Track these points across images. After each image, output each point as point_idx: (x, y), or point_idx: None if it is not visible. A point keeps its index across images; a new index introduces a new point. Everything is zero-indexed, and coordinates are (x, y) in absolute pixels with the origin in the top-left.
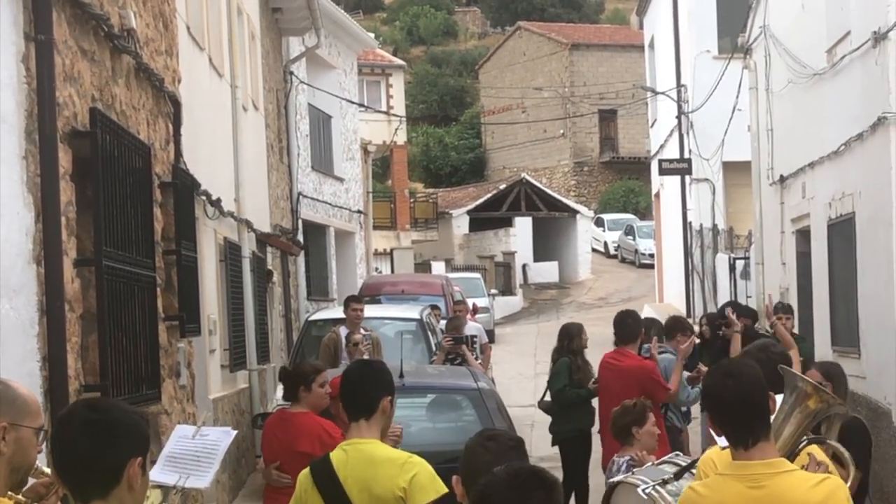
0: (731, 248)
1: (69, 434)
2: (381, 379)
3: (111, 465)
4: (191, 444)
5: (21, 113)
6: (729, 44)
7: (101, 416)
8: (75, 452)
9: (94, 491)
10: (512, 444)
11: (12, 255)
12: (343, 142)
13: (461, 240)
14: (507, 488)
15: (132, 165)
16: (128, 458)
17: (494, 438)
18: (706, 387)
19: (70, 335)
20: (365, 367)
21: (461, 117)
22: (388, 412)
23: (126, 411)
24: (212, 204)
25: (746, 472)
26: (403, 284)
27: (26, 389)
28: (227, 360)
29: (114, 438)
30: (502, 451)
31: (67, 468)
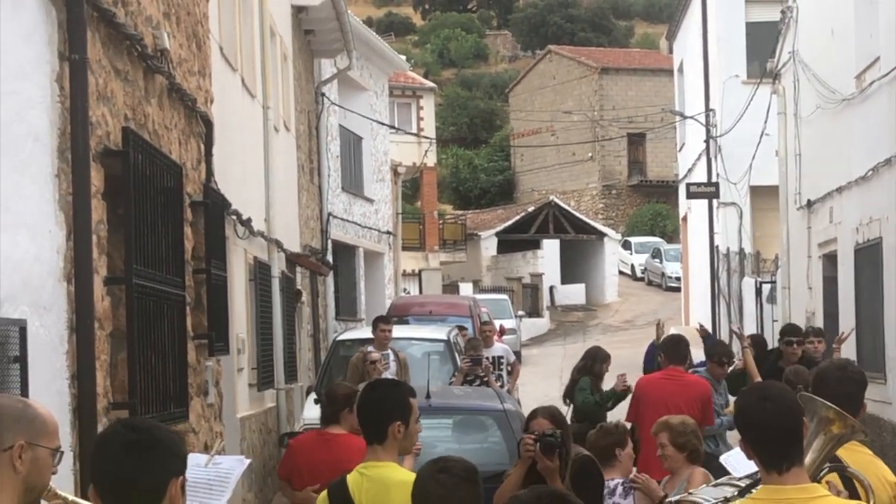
0: (757, 272)
1: (111, 455)
2: (393, 405)
3: (154, 486)
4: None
5: (54, 132)
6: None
7: (141, 437)
8: (118, 474)
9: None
10: (464, 476)
11: (43, 272)
12: (373, 163)
13: (489, 261)
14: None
15: (164, 185)
16: (169, 478)
17: (447, 471)
18: (740, 408)
19: (99, 353)
20: (377, 393)
21: (491, 140)
22: (399, 437)
23: (165, 431)
24: (242, 223)
25: (781, 497)
26: (431, 305)
27: (45, 409)
28: (255, 379)
29: (156, 458)
30: (455, 484)
31: (110, 489)
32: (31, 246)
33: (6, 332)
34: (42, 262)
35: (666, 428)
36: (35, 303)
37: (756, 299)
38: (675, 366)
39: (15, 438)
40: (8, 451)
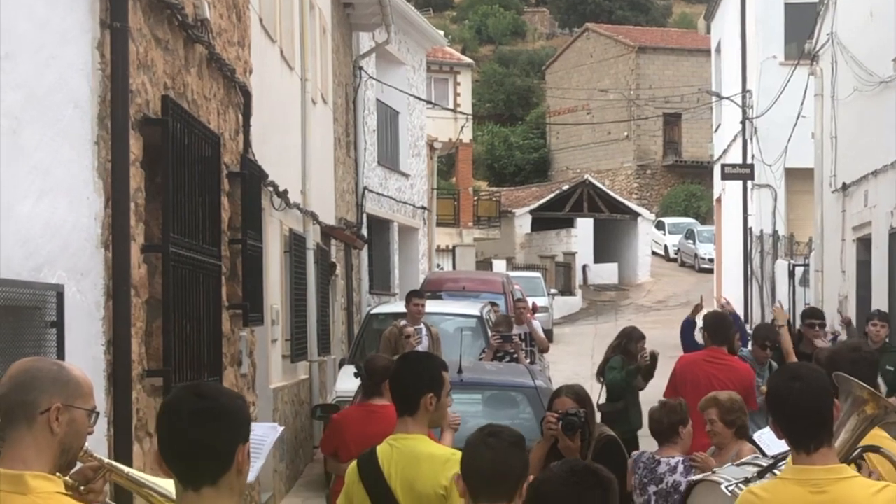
0: (790, 254)
1: (179, 422)
2: (424, 377)
3: (222, 452)
4: None
5: (94, 99)
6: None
7: (210, 404)
8: (187, 441)
9: (205, 478)
10: (513, 441)
11: (81, 239)
12: (409, 138)
13: (523, 239)
14: (564, 485)
15: (202, 154)
16: (237, 444)
17: (496, 435)
18: (771, 389)
19: (135, 320)
20: (409, 365)
21: (527, 117)
22: (431, 409)
23: (232, 397)
24: (278, 195)
25: (808, 477)
26: (465, 281)
27: (80, 371)
28: (289, 351)
29: (223, 425)
30: (503, 448)
31: (178, 456)
32: (70, 212)
33: (43, 297)
34: (80, 228)
35: (714, 404)
36: (72, 269)
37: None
38: (717, 346)
39: (51, 401)
40: (45, 413)
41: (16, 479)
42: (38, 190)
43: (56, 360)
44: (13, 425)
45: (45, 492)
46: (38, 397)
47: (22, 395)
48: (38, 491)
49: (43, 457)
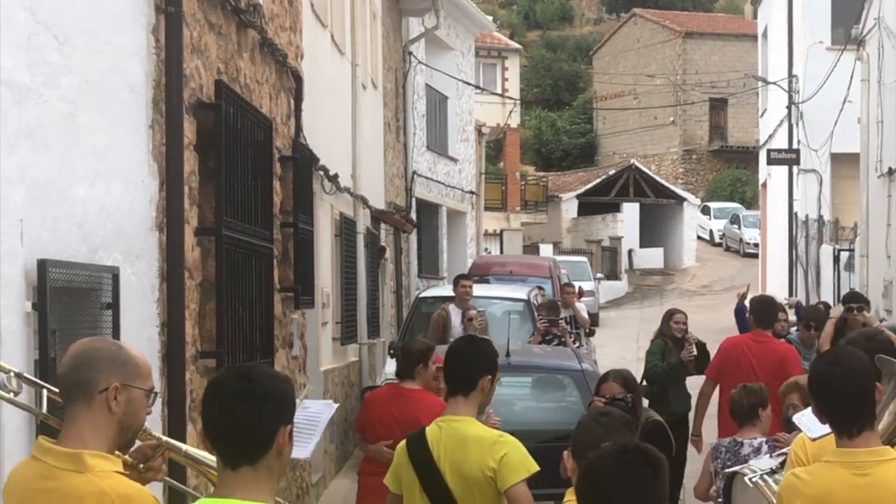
0: (835, 239)
1: (222, 403)
2: (485, 357)
3: (263, 434)
4: None
5: (149, 83)
6: (842, 35)
7: (253, 386)
8: (229, 421)
9: (245, 458)
10: (624, 422)
11: (136, 221)
12: (458, 123)
13: (569, 223)
14: (615, 464)
15: (254, 138)
16: (278, 426)
17: (607, 415)
18: (812, 374)
19: (188, 302)
20: (469, 344)
21: (574, 102)
22: (486, 390)
23: (275, 378)
24: (329, 179)
25: (852, 460)
26: (512, 265)
27: (138, 351)
28: (339, 334)
29: (266, 408)
30: (614, 427)
31: (219, 436)
32: (125, 195)
33: (99, 279)
34: (135, 211)
35: (796, 388)
36: (127, 251)
37: (833, 267)
38: (762, 329)
39: (109, 380)
40: (103, 392)
41: (74, 457)
42: (93, 173)
43: (115, 341)
44: (73, 404)
45: (102, 470)
46: (96, 377)
47: (81, 374)
48: (96, 469)
49: (101, 435)
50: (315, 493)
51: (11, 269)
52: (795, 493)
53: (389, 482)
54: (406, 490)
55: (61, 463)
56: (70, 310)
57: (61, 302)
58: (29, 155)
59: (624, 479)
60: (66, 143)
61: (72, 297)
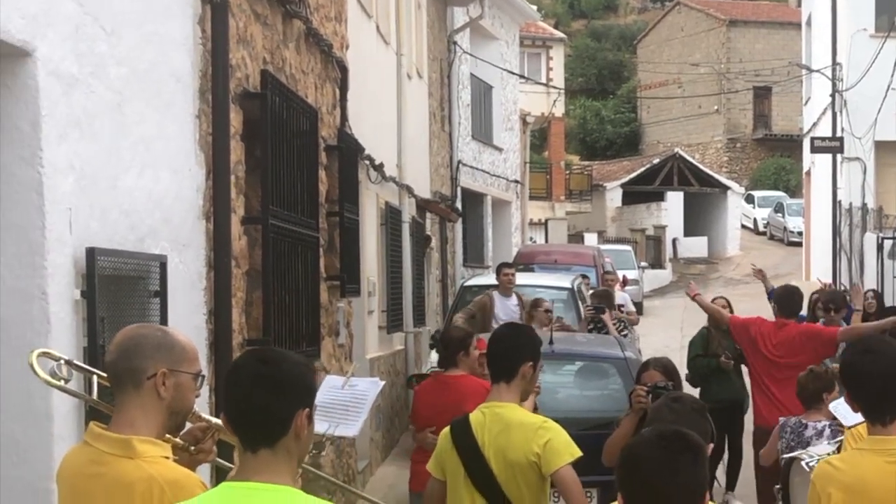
0: (879, 227)
1: (241, 386)
2: (526, 344)
3: (280, 417)
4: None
5: (195, 73)
6: (886, 22)
7: (272, 370)
8: (247, 404)
9: (263, 440)
10: (695, 407)
11: (183, 210)
12: (503, 112)
13: (614, 212)
14: (655, 449)
15: (300, 128)
16: (296, 410)
17: (679, 400)
18: (844, 362)
19: (235, 290)
20: (510, 331)
21: (618, 91)
22: (528, 377)
23: (294, 363)
24: (375, 168)
25: (884, 447)
26: (556, 254)
27: (185, 337)
28: (385, 322)
29: (283, 391)
30: (685, 412)
31: (239, 419)
32: (172, 184)
33: (147, 268)
34: (182, 199)
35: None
36: (175, 239)
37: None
38: (784, 318)
39: (157, 366)
40: (151, 378)
41: (124, 443)
42: (141, 162)
43: (161, 326)
44: (122, 391)
45: (151, 456)
46: (144, 363)
47: (129, 361)
48: (145, 455)
49: (150, 421)
50: (361, 480)
51: (60, 257)
52: (829, 481)
53: (432, 468)
54: (450, 476)
55: (111, 448)
56: (118, 297)
57: (109, 290)
58: (77, 144)
59: (664, 463)
60: (113, 132)
61: (120, 285)
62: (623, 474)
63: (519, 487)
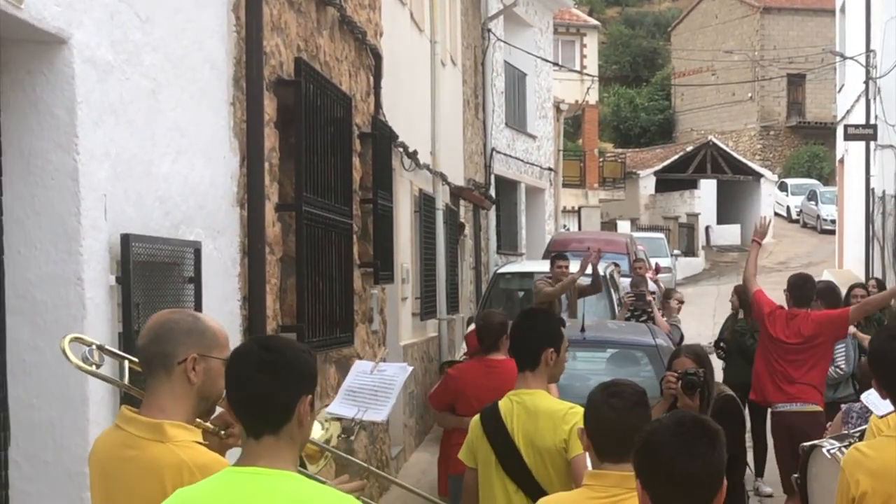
0: None
1: (244, 374)
2: (545, 331)
3: (283, 404)
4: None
5: (230, 60)
6: None
7: (274, 357)
8: (250, 391)
9: (267, 427)
10: (636, 400)
11: (217, 197)
12: (536, 100)
13: (647, 200)
14: (673, 435)
15: (334, 115)
16: (298, 397)
17: (618, 395)
18: (872, 349)
19: (269, 277)
20: (528, 320)
21: (652, 79)
22: (551, 363)
23: (297, 350)
24: (408, 156)
25: None
26: (589, 242)
27: (215, 322)
28: (418, 309)
29: (286, 378)
30: (626, 409)
31: (242, 406)
32: (206, 170)
33: (182, 254)
34: (216, 186)
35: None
36: (209, 226)
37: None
38: (798, 307)
39: (187, 351)
40: (182, 363)
41: (155, 427)
42: (175, 149)
43: (192, 312)
44: (153, 375)
45: (181, 440)
46: (175, 348)
47: (160, 346)
48: (176, 439)
49: (181, 405)
50: (395, 467)
51: (95, 243)
52: (858, 467)
53: (464, 457)
54: (482, 464)
55: (142, 432)
56: (153, 283)
57: (144, 276)
58: (113, 131)
59: (682, 449)
60: (148, 119)
61: (154, 271)
62: (641, 460)
63: (549, 474)
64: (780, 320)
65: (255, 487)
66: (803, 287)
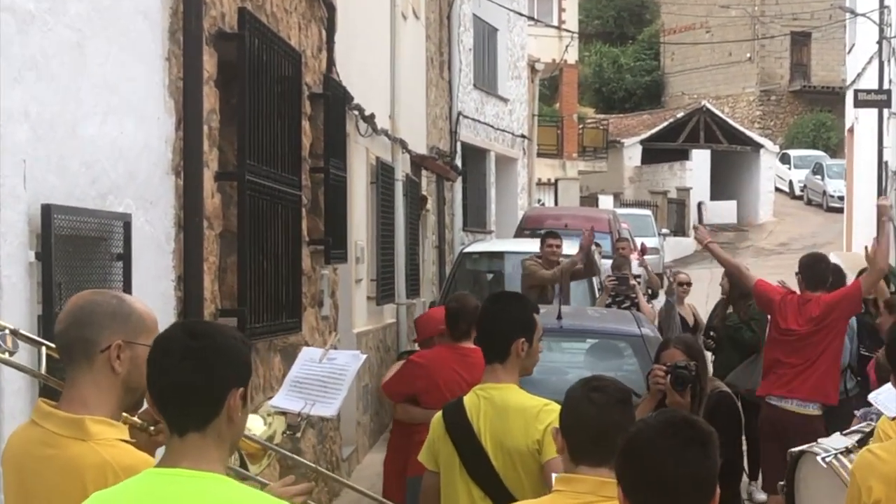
0: None
1: (167, 362)
2: (516, 318)
3: (211, 397)
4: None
5: (165, 10)
6: None
7: (202, 344)
8: (173, 382)
9: (191, 423)
10: (619, 397)
11: (150, 163)
12: (509, 58)
13: (632, 172)
14: (660, 438)
15: (281, 73)
16: (228, 389)
17: (601, 390)
18: (890, 341)
19: (208, 254)
20: (495, 306)
21: (639, 36)
22: (523, 354)
23: (228, 337)
24: (364, 120)
25: None
26: (567, 218)
27: (143, 305)
28: (374, 292)
29: (215, 368)
30: (609, 405)
31: (164, 398)
32: (138, 133)
33: (109, 227)
34: (149, 151)
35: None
36: (140, 196)
37: None
38: (809, 291)
39: (111, 338)
40: (105, 351)
41: (75, 423)
42: (103, 109)
43: (117, 293)
44: (73, 364)
45: (105, 438)
46: (97, 334)
47: (80, 331)
48: (99, 437)
49: (105, 398)
50: (347, 469)
51: (13, 214)
52: (871, 472)
53: (425, 459)
54: (444, 467)
55: (62, 429)
56: (77, 261)
57: (67, 251)
58: (33, 88)
59: (670, 454)
60: (73, 74)
61: (79, 246)
62: (623, 465)
63: (519, 478)
64: (791, 308)
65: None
66: (815, 267)
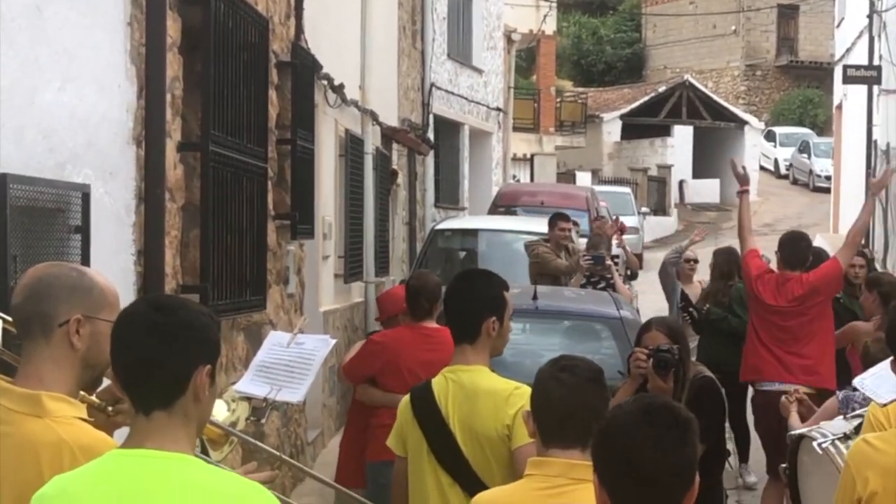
0: None
1: (131, 337)
2: (486, 296)
3: (176, 374)
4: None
5: None
6: None
7: (167, 319)
8: (137, 358)
9: (157, 400)
10: (590, 376)
11: (111, 132)
12: (484, 28)
13: (611, 148)
14: (637, 425)
15: (247, 40)
16: (195, 366)
17: (570, 369)
18: (889, 324)
19: (169, 228)
20: (464, 284)
21: (620, 6)
22: (493, 334)
23: (194, 312)
24: (333, 90)
25: None
26: (543, 195)
27: (104, 278)
28: (342, 270)
29: (180, 344)
30: (579, 385)
31: (128, 375)
32: (99, 101)
33: (67, 198)
34: (109, 120)
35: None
36: (100, 167)
37: None
38: (788, 270)
39: (70, 312)
40: (63, 325)
41: (32, 399)
42: (62, 76)
43: (76, 266)
44: (30, 339)
45: (62, 416)
46: (55, 308)
47: (37, 305)
48: (56, 415)
49: (62, 375)
50: (311, 454)
51: None
52: (866, 462)
53: (393, 444)
54: (412, 452)
55: (16, 405)
56: (33, 233)
57: (23, 223)
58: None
59: (647, 441)
60: (30, 40)
61: (35, 217)
62: (599, 451)
63: (489, 464)
64: (769, 284)
65: (143, 472)
66: (795, 245)
